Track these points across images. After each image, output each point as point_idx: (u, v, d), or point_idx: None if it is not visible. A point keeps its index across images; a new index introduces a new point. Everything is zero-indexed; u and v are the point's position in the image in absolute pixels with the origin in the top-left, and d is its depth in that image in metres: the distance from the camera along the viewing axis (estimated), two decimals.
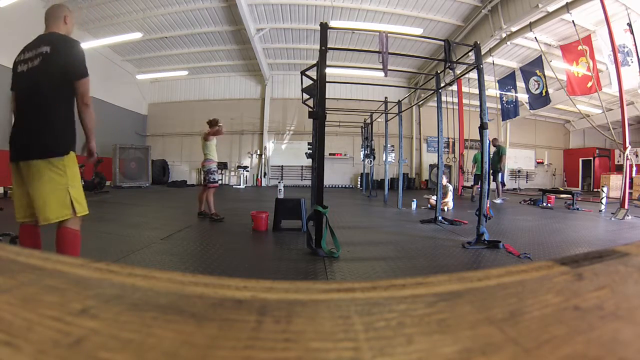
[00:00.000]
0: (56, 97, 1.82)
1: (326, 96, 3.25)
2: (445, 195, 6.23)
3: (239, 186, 13.68)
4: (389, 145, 8.21)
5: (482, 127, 3.68)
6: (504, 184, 9.41)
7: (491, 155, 8.08)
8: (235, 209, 5.99)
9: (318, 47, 3.29)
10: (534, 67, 9.76)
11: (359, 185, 13.75)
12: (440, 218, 4.91)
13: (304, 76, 4.84)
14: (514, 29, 8.46)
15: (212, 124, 4.89)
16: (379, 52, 3.56)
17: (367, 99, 12.65)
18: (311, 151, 5.37)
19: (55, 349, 0.19)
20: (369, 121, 9.76)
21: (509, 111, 11.72)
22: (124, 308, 0.24)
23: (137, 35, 10.44)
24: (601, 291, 0.27)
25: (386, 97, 7.99)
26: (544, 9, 7.26)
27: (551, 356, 0.19)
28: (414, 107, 14.04)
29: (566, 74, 8.73)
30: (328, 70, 3.40)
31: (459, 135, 10.71)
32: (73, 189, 1.85)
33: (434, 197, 5.86)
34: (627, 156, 5.65)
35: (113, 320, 0.22)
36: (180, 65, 13.47)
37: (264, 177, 14.55)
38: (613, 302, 0.25)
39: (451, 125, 9.01)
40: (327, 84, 3.26)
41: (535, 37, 7.96)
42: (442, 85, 5.37)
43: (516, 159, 16.21)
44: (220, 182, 5.05)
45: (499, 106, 11.98)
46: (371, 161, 9.58)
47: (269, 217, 4.10)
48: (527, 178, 16.48)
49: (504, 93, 11.47)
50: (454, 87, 9.65)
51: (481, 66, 3.78)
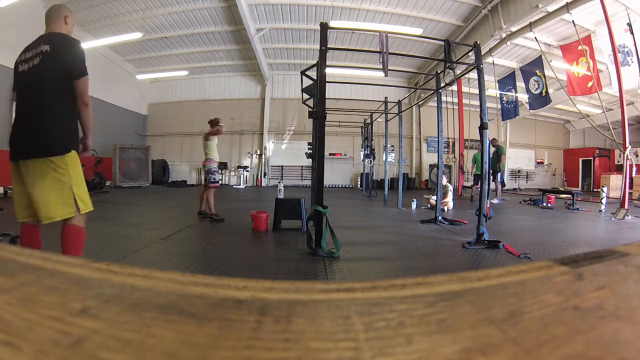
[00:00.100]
0: (56, 95, 1.82)
1: (326, 96, 3.26)
2: (445, 195, 6.23)
3: (239, 186, 13.68)
4: (389, 145, 8.21)
5: (482, 127, 3.69)
6: (503, 184, 9.40)
7: (490, 156, 8.09)
8: (235, 209, 5.99)
9: (318, 47, 3.29)
10: (534, 67, 9.76)
11: (359, 185, 13.75)
12: (440, 218, 4.91)
13: (304, 76, 4.84)
14: (514, 29, 8.46)
15: (213, 123, 4.89)
16: (379, 52, 3.56)
17: (367, 99, 12.65)
18: (311, 151, 5.38)
19: (55, 349, 0.19)
20: (369, 121, 9.76)
21: (509, 111, 11.71)
22: (124, 308, 0.24)
23: (137, 35, 10.46)
24: (601, 291, 0.27)
25: (386, 97, 7.99)
26: (544, 9, 7.26)
27: (551, 356, 0.19)
28: (414, 107, 14.04)
29: (566, 74, 8.73)
30: (328, 70, 3.41)
31: (459, 135, 10.70)
32: (76, 187, 1.85)
33: (434, 197, 5.86)
34: (627, 156, 5.65)
35: (113, 320, 0.22)
36: (180, 65, 13.48)
37: (264, 177, 14.55)
38: (613, 302, 0.25)
39: (451, 125, 9.01)
40: (327, 84, 3.26)
41: (535, 37, 7.96)
42: (442, 85, 5.37)
43: (516, 159, 16.21)
44: (220, 182, 5.04)
45: (499, 106, 11.98)
46: (371, 161, 9.58)
47: (269, 217, 4.11)
48: (527, 178, 16.48)
49: (504, 93, 11.47)
50: (454, 87, 9.65)
51: (481, 66, 3.79)
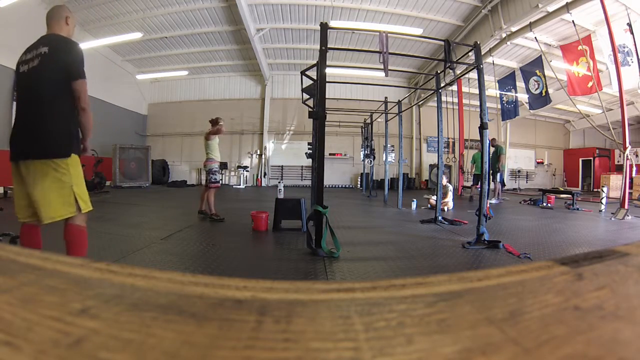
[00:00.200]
0: (55, 96, 1.82)
1: (326, 96, 3.25)
2: (445, 195, 6.23)
3: (239, 186, 13.68)
4: (389, 145, 8.21)
5: (482, 127, 3.69)
6: (503, 184, 9.40)
7: (490, 156, 8.08)
8: (235, 209, 5.99)
9: (318, 47, 3.29)
10: (534, 67, 9.76)
11: (359, 185, 13.74)
12: (440, 218, 4.91)
13: (304, 76, 4.84)
14: (514, 29, 8.46)
15: (214, 123, 4.89)
16: (379, 52, 3.56)
17: (367, 99, 12.64)
18: (311, 151, 5.38)
19: (55, 349, 0.19)
20: (369, 121, 9.76)
21: (509, 111, 11.71)
22: (124, 308, 0.24)
23: (137, 35, 10.46)
24: (601, 291, 0.27)
25: (386, 97, 7.99)
26: (544, 9, 7.26)
27: (551, 356, 0.19)
28: (414, 107, 14.04)
29: (567, 74, 8.73)
30: (328, 70, 3.40)
31: (459, 135, 10.70)
32: (77, 186, 1.87)
33: (434, 197, 5.86)
34: (627, 156, 5.65)
35: (113, 320, 0.22)
36: (180, 65, 13.48)
37: (264, 177, 14.55)
38: (613, 302, 0.25)
39: (451, 125, 9.01)
40: (327, 84, 3.26)
41: (535, 37, 7.96)
42: (442, 85, 5.37)
43: (516, 159, 16.21)
44: (220, 182, 5.04)
45: (499, 106, 11.98)
46: (371, 161, 9.58)
47: (269, 217, 4.10)
48: (527, 178, 16.48)
49: (504, 93, 11.46)
50: (454, 87, 9.65)
51: (481, 66, 3.79)
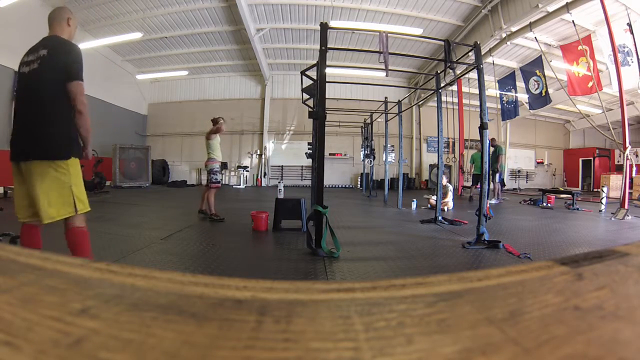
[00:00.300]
0: (55, 99, 1.82)
1: (326, 96, 3.26)
2: (445, 195, 6.23)
3: (239, 186, 13.68)
4: (389, 145, 8.21)
5: (482, 127, 3.69)
6: (503, 184, 9.39)
7: (489, 156, 8.08)
8: (235, 209, 5.99)
9: (318, 47, 3.29)
10: (534, 67, 9.76)
11: (359, 185, 13.74)
12: (440, 218, 4.91)
13: (304, 76, 4.84)
14: (514, 29, 8.46)
15: (215, 122, 4.89)
16: (379, 52, 3.56)
17: (367, 99, 12.64)
18: (311, 151, 5.37)
19: (55, 349, 0.19)
20: (369, 121, 9.76)
21: (509, 111, 11.72)
22: (124, 308, 0.24)
23: (137, 35, 10.46)
24: (601, 291, 0.27)
25: (386, 97, 7.99)
26: (544, 9, 7.26)
27: (551, 356, 0.19)
28: (414, 107, 14.04)
29: (567, 74, 8.73)
30: (328, 70, 3.41)
31: (459, 135, 10.70)
32: (75, 187, 1.87)
33: (434, 197, 5.86)
34: (627, 156, 5.65)
35: (113, 320, 0.22)
36: (180, 65, 13.47)
37: (264, 177, 14.55)
38: (613, 302, 0.25)
39: (451, 125, 9.00)
40: (327, 84, 3.26)
41: (535, 37, 7.96)
42: (442, 85, 5.37)
43: (516, 159, 16.21)
44: (221, 182, 5.03)
45: (499, 106, 11.98)
46: (371, 161, 9.58)
47: (269, 217, 4.10)
48: (527, 178, 16.48)
49: (504, 93, 11.46)
50: (454, 87, 9.65)
51: (481, 66, 3.79)
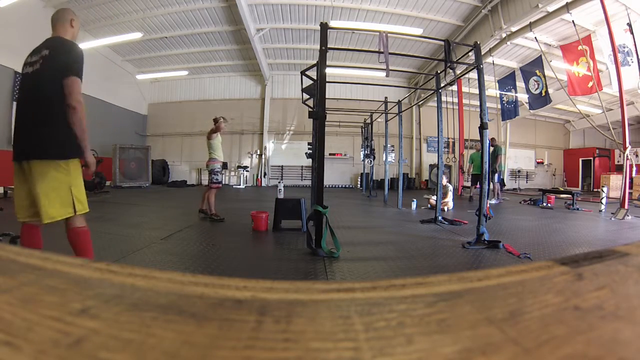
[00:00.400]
0: (56, 98, 1.82)
1: (326, 96, 3.26)
2: (445, 195, 6.23)
3: (239, 186, 13.68)
4: (389, 145, 8.21)
5: (482, 127, 3.69)
6: (503, 184, 9.38)
7: (489, 156, 8.07)
8: (235, 209, 5.98)
9: (318, 47, 3.29)
10: (534, 67, 9.76)
11: (359, 185, 13.74)
12: (440, 218, 4.91)
13: (304, 76, 4.84)
14: (514, 29, 8.46)
15: (215, 122, 4.89)
16: (379, 52, 3.56)
17: (367, 99, 12.64)
18: (311, 151, 5.37)
19: (55, 349, 0.19)
20: (369, 121, 9.76)
21: (509, 111, 11.72)
22: (124, 308, 0.24)
23: (137, 35, 10.46)
24: (601, 291, 0.27)
25: (386, 97, 7.99)
26: (544, 9, 7.26)
27: (551, 356, 0.19)
28: (414, 107, 14.04)
29: (567, 74, 8.73)
30: (328, 70, 3.40)
31: (459, 135, 10.70)
32: (75, 187, 1.87)
33: (434, 197, 5.86)
34: (627, 156, 5.65)
35: (113, 320, 0.22)
36: (180, 65, 13.48)
37: (264, 177, 14.55)
38: (613, 302, 0.25)
39: (451, 125, 9.01)
40: (327, 84, 3.26)
41: (535, 37, 7.96)
42: (442, 85, 5.37)
43: (516, 159, 16.21)
44: (221, 182, 5.03)
45: (499, 106, 11.98)
46: (371, 161, 9.58)
47: (269, 217, 4.10)
48: (527, 178, 16.48)
49: (504, 93, 11.46)
50: (454, 87, 9.64)
51: (481, 66, 3.79)
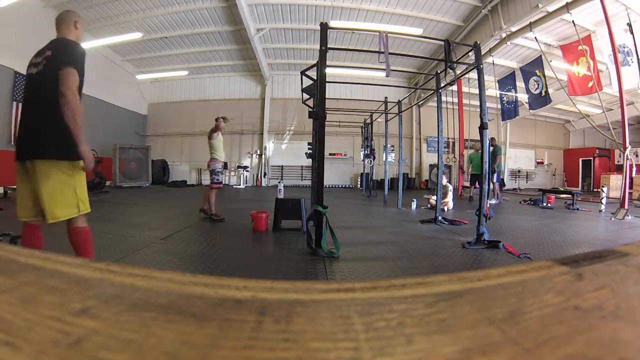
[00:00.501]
0: (59, 99, 1.83)
1: (326, 96, 3.26)
2: (445, 195, 6.23)
3: (239, 186, 13.67)
4: (389, 145, 8.21)
5: (482, 127, 3.69)
6: (503, 184, 9.38)
7: (489, 156, 8.07)
8: (235, 209, 5.98)
9: (318, 47, 3.29)
10: (533, 67, 9.76)
11: (359, 185, 13.74)
12: (440, 218, 4.91)
13: (304, 76, 4.84)
14: (514, 29, 8.46)
15: (216, 121, 4.89)
16: (379, 52, 3.56)
17: (367, 99, 12.63)
18: (311, 151, 5.37)
19: (55, 349, 0.19)
20: (369, 121, 9.76)
21: (509, 111, 11.72)
22: (124, 308, 0.24)
23: (137, 35, 10.46)
24: (601, 291, 0.27)
25: (386, 97, 7.99)
26: (544, 9, 7.26)
27: (551, 356, 0.19)
28: (414, 107, 14.04)
29: (567, 74, 8.73)
30: (328, 70, 3.40)
31: (459, 135, 10.70)
32: (79, 188, 1.90)
33: (434, 197, 5.86)
34: (627, 156, 5.65)
35: (113, 320, 0.22)
36: (180, 65, 13.47)
37: (264, 177, 14.55)
38: (613, 302, 0.25)
39: (451, 125, 9.00)
40: (327, 84, 3.26)
41: (535, 37, 7.96)
42: (442, 85, 5.37)
43: (516, 159, 16.21)
44: (222, 182, 5.02)
45: (499, 106, 11.98)
46: (371, 161, 9.58)
47: (269, 217, 4.10)
48: (527, 178, 16.48)
49: (504, 93, 11.46)
50: (454, 87, 9.64)
51: (481, 66, 3.79)
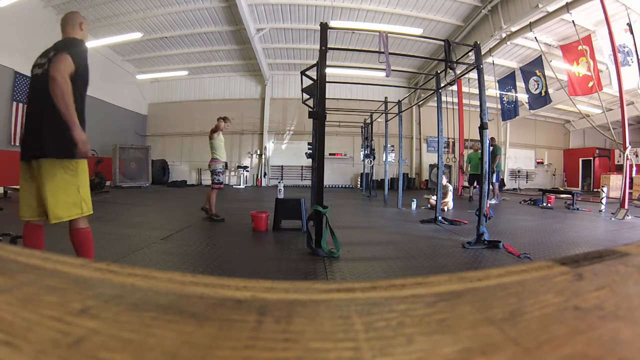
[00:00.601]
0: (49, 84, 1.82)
1: (326, 96, 3.26)
2: (445, 195, 6.23)
3: (239, 186, 13.67)
4: (389, 145, 8.21)
5: (482, 127, 3.69)
6: (503, 184, 9.37)
7: (489, 156, 8.06)
8: (235, 209, 5.98)
9: (318, 47, 3.29)
10: (533, 67, 9.76)
11: (359, 185, 13.74)
12: (440, 218, 4.91)
13: (304, 76, 4.84)
14: (514, 29, 8.46)
15: (217, 121, 4.88)
16: (379, 52, 3.56)
17: (367, 99, 12.63)
18: (311, 151, 5.37)
19: (55, 349, 0.19)
20: (369, 121, 9.76)
21: (509, 111, 11.72)
22: (124, 308, 0.24)
23: (137, 35, 10.47)
24: (601, 291, 0.27)
25: (386, 97, 7.99)
26: (544, 9, 7.26)
27: (551, 356, 0.19)
28: (414, 107, 14.04)
29: (567, 74, 8.73)
30: (328, 70, 3.41)
31: (459, 135, 10.70)
32: (82, 189, 1.90)
33: (434, 197, 5.86)
34: (627, 156, 5.65)
35: (113, 320, 0.22)
36: (180, 65, 13.47)
37: (264, 177, 14.55)
38: (613, 302, 0.25)
39: (451, 125, 9.00)
40: (327, 84, 3.26)
41: (535, 37, 7.95)
42: (442, 85, 5.37)
43: (516, 159, 16.21)
44: (223, 182, 5.02)
45: (499, 106, 11.98)
46: (371, 161, 9.58)
47: (269, 217, 4.10)
48: (527, 178, 16.47)
49: (504, 93, 11.46)
50: (454, 87, 9.64)
51: (481, 66, 3.79)
